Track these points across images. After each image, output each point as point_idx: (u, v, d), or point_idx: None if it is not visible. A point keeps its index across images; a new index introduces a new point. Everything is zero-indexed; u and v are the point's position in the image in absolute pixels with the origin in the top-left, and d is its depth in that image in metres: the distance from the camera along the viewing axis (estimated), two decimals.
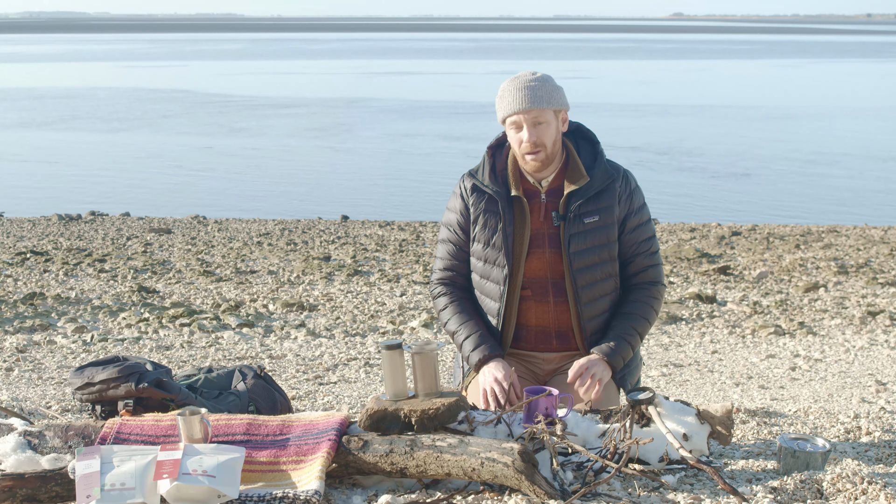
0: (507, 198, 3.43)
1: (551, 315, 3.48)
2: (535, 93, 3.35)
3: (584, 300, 3.43)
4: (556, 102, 3.38)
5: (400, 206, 17.01)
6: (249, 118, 31.28)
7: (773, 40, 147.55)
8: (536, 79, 3.38)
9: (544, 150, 3.38)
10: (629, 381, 3.55)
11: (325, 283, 10.41)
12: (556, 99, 3.38)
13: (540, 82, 3.37)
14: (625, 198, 3.45)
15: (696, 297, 9.53)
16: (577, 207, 3.40)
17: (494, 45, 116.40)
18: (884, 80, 55.23)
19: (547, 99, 3.35)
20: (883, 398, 5.49)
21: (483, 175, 3.48)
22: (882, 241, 13.35)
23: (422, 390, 3.00)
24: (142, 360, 3.51)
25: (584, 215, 3.40)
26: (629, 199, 3.46)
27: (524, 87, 3.36)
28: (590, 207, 3.41)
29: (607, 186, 3.42)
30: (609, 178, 3.43)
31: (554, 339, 3.52)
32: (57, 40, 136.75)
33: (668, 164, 21.57)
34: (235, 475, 2.70)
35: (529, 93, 3.34)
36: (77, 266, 11.29)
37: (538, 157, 3.38)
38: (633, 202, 3.47)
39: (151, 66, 65.35)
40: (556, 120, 3.39)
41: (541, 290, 3.46)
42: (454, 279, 3.58)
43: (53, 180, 19.98)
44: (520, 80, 3.39)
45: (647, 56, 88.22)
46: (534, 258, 3.45)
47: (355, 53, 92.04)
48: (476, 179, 3.49)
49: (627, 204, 3.46)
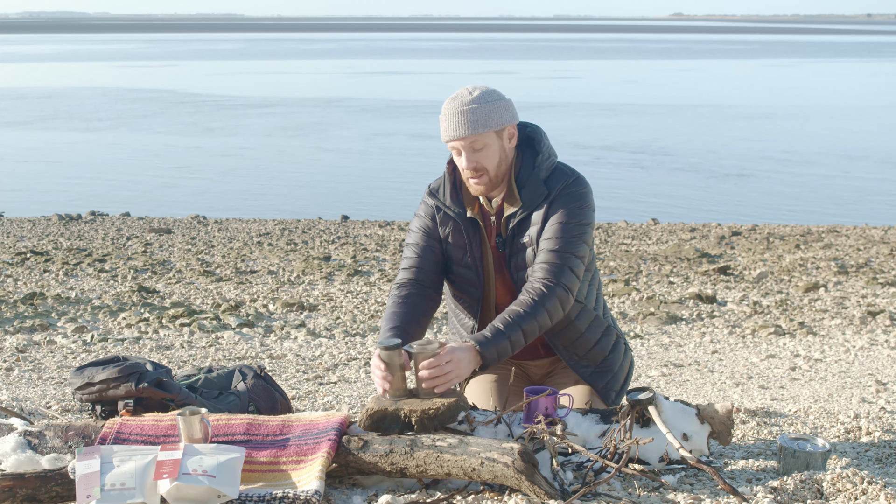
0: (466, 219, 3.36)
1: None
2: (471, 117, 3.19)
3: None
4: (496, 123, 3.21)
5: (400, 207, 17.01)
6: (229, 117, 31.39)
7: (771, 40, 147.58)
8: (474, 100, 3.20)
9: (486, 174, 3.25)
10: (617, 396, 3.48)
11: (325, 283, 10.42)
12: (496, 119, 3.21)
13: (477, 104, 3.19)
14: (561, 198, 3.27)
15: (696, 297, 9.54)
16: (511, 230, 3.32)
17: (488, 46, 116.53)
18: (882, 80, 55.23)
19: (484, 122, 3.19)
20: (883, 398, 5.49)
21: (444, 196, 3.38)
22: (882, 241, 13.35)
23: (423, 390, 2.99)
24: (142, 360, 3.51)
25: (518, 235, 3.33)
26: (564, 199, 3.26)
27: (459, 111, 3.20)
28: (523, 226, 3.32)
29: (538, 205, 3.28)
30: (540, 196, 3.27)
31: (540, 349, 3.51)
32: (55, 40, 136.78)
33: (667, 164, 21.56)
34: (235, 475, 2.70)
35: (465, 118, 3.19)
36: (77, 266, 11.29)
37: (482, 181, 3.26)
38: (566, 202, 3.26)
39: (142, 66, 65.32)
40: (498, 140, 3.24)
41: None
42: (414, 279, 3.42)
43: (39, 179, 19.99)
44: (456, 102, 3.22)
45: (638, 56, 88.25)
46: (499, 280, 3.42)
47: (348, 53, 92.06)
48: (438, 200, 3.39)
49: (559, 204, 3.26)
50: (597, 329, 3.44)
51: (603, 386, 3.45)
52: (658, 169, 20.88)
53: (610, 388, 3.47)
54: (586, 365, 3.44)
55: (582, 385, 3.46)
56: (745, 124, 29.74)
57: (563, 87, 46.71)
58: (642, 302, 9.44)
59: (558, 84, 48.50)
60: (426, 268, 3.43)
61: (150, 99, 38.31)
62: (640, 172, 20.44)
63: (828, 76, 58.30)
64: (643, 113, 32.95)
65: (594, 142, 24.81)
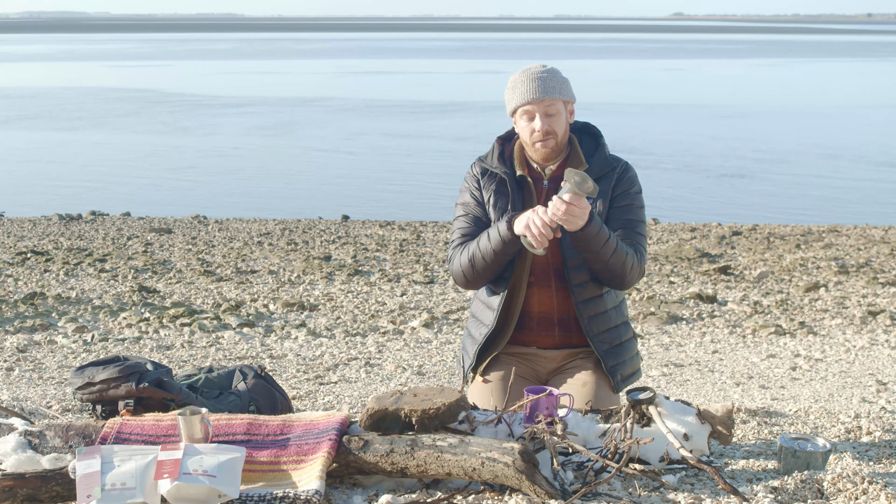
0: (514, 178, 3.54)
1: (553, 301, 3.53)
2: (547, 83, 3.46)
3: (576, 282, 3.48)
4: (566, 94, 3.50)
5: (401, 207, 17.01)
6: (206, 116, 31.40)
7: (771, 40, 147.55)
8: (547, 70, 3.50)
9: (555, 137, 3.48)
10: (622, 380, 3.55)
11: (325, 283, 10.42)
12: (566, 90, 3.51)
13: (550, 74, 3.49)
14: (622, 181, 3.54)
15: (696, 296, 9.54)
16: None
17: (483, 45, 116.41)
18: (882, 80, 55.23)
19: (558, 90, 3.47)
20: (883, 398, 5.49)
21: (492, 159, 3.59)
22: (882, 241, 13.35)
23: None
24: (142, 359, 3.51)
25: None
26: (625, 183, 3.54)
27: (536, 77, 3.47)
28: None
29: (605, 174, 3.52)
30: (608, 167, 3.53)
31: (556, 327, 3.55)
32: (53, 40, 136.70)
33: (666, 164, 21.57)
34: (236, 475, 2.70)
35: (541, 83, 3.46)
36: (77, 266, 11.29)
37: (548, 143, 3.48)
38: (628, 185, 3.54)
39: (133, 66, 65.14)
40: (565, 111, 3.51)
41: (543, 275, 3.53)
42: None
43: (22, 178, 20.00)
44: (531, 71, 3.50)
45: (633, 56, 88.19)
46: None
47: (340, 53, 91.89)
48: (485, 163, 3.60)
49: (622, 186, 3.53)
50: (617, 315, 3.59)
51: (613, 366, 3.52)
52: (658, 169, 20.88)
53: (618, 370, 3.54)
54: (603, 340, 3.53)
55: (588, 379, 3.47)
56: (746, 124, 29.73)
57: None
58: (643, 301, 9.45)
59: None
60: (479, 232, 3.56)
61: (131, 98, 38.28)
62: (639, 172, 20.40)
63: (827, 76, 58.29)
64: (645, 113, 32.94)
65: None
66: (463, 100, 37.28)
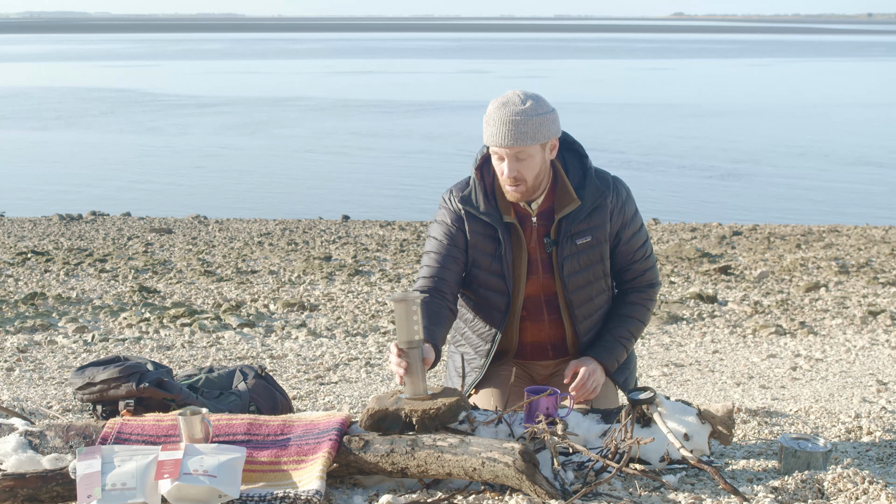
0: (503, 224, 3.34)
1: (546, 332, 3.48)
2: (519, 129, 3.18)
3: (580, 317, 3.43)
4: (542, 136, 3.21)
5: (401, 207, 17.01)
6: (179, 116, 31.42)
7: (771, 40, 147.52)
8: (525, 111, 3.19)
9: (524, 183, 3.26)
10: (629, 381, 3.57)
11: (325, 283, 10.42)
12: (543, 132, 3.21)
13: (524, 117, 3.18)
14: (617, 211, 3.37)
15: (696, 296, 9.54)
16: (568, 230, 3.34)
17: (479, 45, 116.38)
18: (879, 79, 55.22)
19: (532, 135, 3.19)
20: (884, 398, 5.49)
21: (478, 202, 3.34)
22: (883, 241, 13.35)
23: (401, 338, 2.96)
24: (143, 360, 3.51)
25: (575, 236, 3.34)
26: (621, 212, 3.38)
27: (510, 121, 3.18)
28: (581, 227, 3.34)
29: (599, 204, 3.34)
30: (600, 196, 3.34)
31: (550, 351, 3.53)
32: (51, 40, 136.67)
33: (667, 164, 21.56)
34: (236, 475, 2.70)
35: (513, 129, 3.18)
36: (78, 266, 11.29)
37: (518, 189, 3.27)
38: (625, 213, 3.39)
39: (122, 66, 65.07)
40: (541, 152, 3.25)
41: (535, 309, 3.44)
42: (434, 288, 3.35)
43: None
44: (507, 110, 3.20)
45: (628, 55, 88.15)
46: (529, 282, 3.41)
47: (333, 53, 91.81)
48: (470, 206, 3.35)
49: (620, 216, 3.38)
50: None
51: (619, 375, 3.52)
52: (658, 169, 20.87)
53: (626, 377, 3.55)
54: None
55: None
56: (745, 124, 29.73)
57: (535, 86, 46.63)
58: None
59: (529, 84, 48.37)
60: (447, 278, 3.37)
61: (109, 98, 38.29)
62: (639, 172, 20.43)
63: (828, 76, 58.28)
64: (645, 113, 32.94)
65: (586, 142, 24.84)
66: (463, 100, 37.29)
